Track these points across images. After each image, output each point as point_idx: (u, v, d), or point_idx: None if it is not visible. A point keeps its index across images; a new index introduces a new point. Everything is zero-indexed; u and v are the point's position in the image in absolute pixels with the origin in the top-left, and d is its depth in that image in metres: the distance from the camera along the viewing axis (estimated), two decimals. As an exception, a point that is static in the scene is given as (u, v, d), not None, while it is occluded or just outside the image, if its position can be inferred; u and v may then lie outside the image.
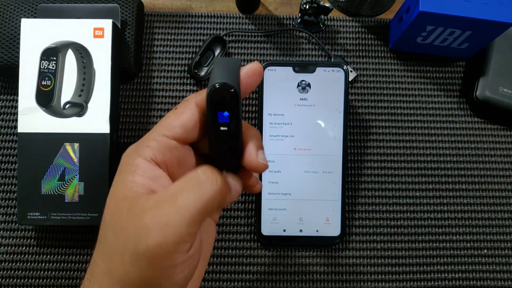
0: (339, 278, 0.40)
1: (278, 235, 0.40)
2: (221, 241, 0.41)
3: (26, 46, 0.38)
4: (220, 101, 0.21)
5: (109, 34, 0.39)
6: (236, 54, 0.45)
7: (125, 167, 0.21)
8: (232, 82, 0.21)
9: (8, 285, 0.39)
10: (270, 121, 0.41)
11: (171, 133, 0.22)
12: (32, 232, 0.40)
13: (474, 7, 0.37)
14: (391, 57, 0.46)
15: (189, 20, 0.46)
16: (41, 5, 0.41)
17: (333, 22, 0.47)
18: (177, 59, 0.45)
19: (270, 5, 0.48)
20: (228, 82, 0.21)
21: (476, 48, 0.43)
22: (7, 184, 0.41)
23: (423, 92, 0.45)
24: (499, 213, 0.42)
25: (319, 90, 0.42)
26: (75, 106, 0.38)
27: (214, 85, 0.21)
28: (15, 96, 0.43)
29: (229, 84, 0.21)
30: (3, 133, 0.42)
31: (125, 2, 0.43)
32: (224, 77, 0.21)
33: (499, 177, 0.43)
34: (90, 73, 0.38)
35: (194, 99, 0.22)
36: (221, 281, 0.40)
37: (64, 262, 0.40)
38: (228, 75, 0.21)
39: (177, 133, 0.22)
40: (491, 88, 0.42)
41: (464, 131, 0.44)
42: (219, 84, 0.21)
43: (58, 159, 0.38)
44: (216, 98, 0.21)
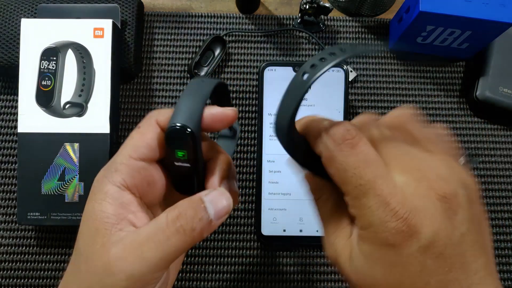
0: (339, 278, 0.40)
1: (278, 235, 0.40)
2: (221, 241, 0.41)
3: (26, 46, 0.38)
4: (178, 141, 0.21)
5: (109, 34, 0.39)
6: (236, 54, 0.45)
7: (95, 194, 0.22)
8: (191, 123, 0.20)
9: (8, 285, 0.39)
10: (270, 121, 0.41)
11: (137, 154, 0.22)
12: (32, 232, 0.40)
13: (474, 7, 0.37)
14: (391, 57, 0.46)
15: (189, 20, 0.46)
16: (41, 5, 0.41)
17: (333, 22, 0.47)
18: (177, 59, 0.45)
19: (270, 5, 0.48)
20: (187, 123, 0.20)
21: (476, 48, 0.43)
22: (7, 184, 0.41)
23: (423, 92, 0.45)
24: (499, 213, 0.42)
25: (319, 90, 0.42)
26: (75, 106, 0.38)
27: (174, 125, 0.20)
28: (15, 96, 0.43)
29: (187, 126, 0.20)
30: (3, 133, 0.42)
31: (125, 2, 0.43)
32: (185, 114, 0.21)
33: (499, 177, 0.43)
34: (90, 73, 0.38)
35: (155, 118, 0.22)
36: (221, 281, 0.40)
37: (64, 262, 0.40)
38: (190, 112, 0.21)
39: (143, 153, 0.22)
40: (491, 88, 0.42)
41: (464, 131, 0.44)
42: (176, 125, 0.20)
43: (58, 159, 0.38)
44: (173, 137, 0.21)
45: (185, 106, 0.21)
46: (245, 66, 0.45)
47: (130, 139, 0.22)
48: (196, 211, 0.21)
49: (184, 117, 0.21)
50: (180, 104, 0.21)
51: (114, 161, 0.22)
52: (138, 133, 0.22)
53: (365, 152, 0.18)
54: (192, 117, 0.21)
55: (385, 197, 0.17)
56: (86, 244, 0.21)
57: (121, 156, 0.22)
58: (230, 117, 0.23)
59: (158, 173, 0.23)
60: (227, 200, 0.22)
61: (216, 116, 0.22)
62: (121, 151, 0.22)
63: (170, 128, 0.20)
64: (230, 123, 0.23)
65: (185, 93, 0.22)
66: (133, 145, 0.22)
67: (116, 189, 0.21)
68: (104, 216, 0.21)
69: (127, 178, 0.21)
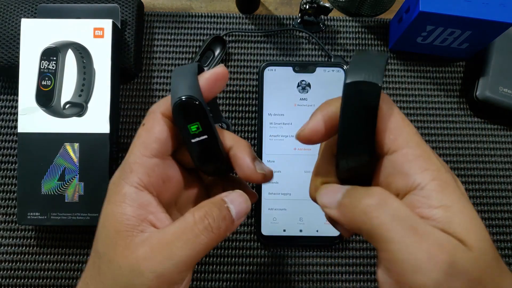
0: (339, 278, 0.40)
1: (278, 235, 0.40)
2: (221, 241, 0.41)
3: (26, 46, 0.38)
4: (186, 114, 0.21)
5: (109, 34, 0.39)
6: (236, 54, 0.45)
7: (113, 197, 0.21)
8: (193, 92, 0.20)
9: (8, 285, 0.39)
10: (270, 121, 0.41)
11: (149, 151, 0.22)
12: (32, 232, 0.40)
13: (474, 7, 0.37)
14: (391, 57, 0.46)
15: (189, 20, 0.46)
16: (41, 5, 0.41)
17: (333, 22, 0.47)
18: (177, 59, 0.45)
19: (270, 5, 0.48)
20: (188, 93, 0.20)
21: (476, 48, 0.43)
22: (7, 184, 0.41)
23: (423, 92, 0.45)
24: (499, 213, 0.42)
25: (319, 90, 0.42)
26: (75, 106, 0.38)
27: (179, 99, 0.20)
28: (15, 96, 0.43)
29: (191, 96, 0.20)
30: (3, 133, 0.42)
31: (125, 2, 0.43)
32: (184, 88, 0.21)
33: (499, 177, 0.43)
34: (90, 73, 0.38)
35: (158, 110, 0.22)
36: (221, 281, 0.40)
37: (64, 262, 0.40)
38: (187, 85, 0.21)
39: (155, 149, 0.22)
40: (491, 88, 0.42)
41: (464, 131, 0.44)
42: (180, 98, 0.20)
43: (58, 159, 0.38)
44: (181, 113, 0.21)
45: (180, 84, 0.21)
46: (245, 66, 0.45)
47: (138, 138, 0.22)
48: (220, 210, 0.21)
49: (185, 90, 0.21)
50: (174, 84, 0.21)
51: (127, 161, 0.22)
52: (145, 130, 0.22)
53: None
54: (190, 88, 0.21)
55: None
56: (107, 247, 0.21)
57: (133, 155, 0.22)
58: (222, 73, 0.22)
59: (173, 169, 0.23)
60: (246, 201, 0.22)
61: (210, 78, 0.22)
62: (132, 151, 0.22)
63: (176, 104, 0.20)
64: (225, 80, 0.22)
65: (174, 76, 0.22)
66: (142, 143, 0.22)
67: (133, 189, 0.21)
68: (124, 219, 0.20)
69: (143, 177, 0.21)
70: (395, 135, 0.18)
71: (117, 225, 0.20)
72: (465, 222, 0.17)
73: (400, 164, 0.18)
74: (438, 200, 0.17)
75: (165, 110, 0.22)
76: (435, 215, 0.17)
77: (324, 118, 0.20)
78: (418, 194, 0.18)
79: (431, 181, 0.18)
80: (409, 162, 0.18)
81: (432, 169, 0.18)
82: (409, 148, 0.18)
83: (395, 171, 0.18)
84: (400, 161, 0.18)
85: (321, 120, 0.20)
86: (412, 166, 0.18)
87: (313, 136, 0.20)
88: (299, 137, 0.21)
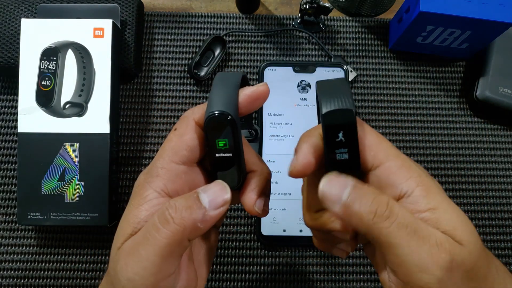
0: (339, 278, 0.40)
1: (278, 235, 0.40)
2: (221, 241, 0.41)
3: (26, 46, 0.38)
4: (217, 129, 0.20)
5: (109, 34, 0.39)
6: (236, 54, 0.45)
7: (134, 199, 0.21)
8: (230, 109, 0.20)
9: (8, 285, 0.39)
10: (270, 121, 0.41)
11: (178, 158, 0.21)
12: (32, 232, 0.40)
13: (474, 7, 0.37)
14: (391, 57, 0.46)
15: (189, 20, 0.46)
16: (41, 5, 0.41)
17: (333, 22, 0.47)
18: (177, 59, 0.45)
19: (270, 5, 0.48)
20: (224, 109, 0.20)
21: (476, 48, 0.43)
22: (7, 184, 0.41)
23: (423, 92, 0.45)
24: (499, 213, 0.42)
25: (319, 90, 0.41)
26: (75, 106, 0.38)
27: (212, 113, 0.20)
28: (15, 96, 0.43)
29: (226, 112, 0.20)
30: (3, 133, 0.42)
31: (125, 2, 0.43)
32: (222, 102, 0.20)
33: (499, 177, 0.43)
34: (90, 73, 0.38)
35: (192, 117, 0.22)
36: (221, 281, 0.40)
37: (64, 262, 0.40)
38: (226, 99, 0.21)
39: (184, 156, 0.21)
40: (491, 88, 0.42)
41: (464, 131, 0.44)
42: (213, 113, 0.20)
43: (58, 159, 0.38)
44: (213, 126, 0.20)
45: (219, 95, 0.21)
46: (245, 66, 0.45)
47: (169, 142, 0.22)
48: (186, 201, 0.20)
49: (221, 104, 0.20)
50: (213, 94, 0.21)
51: (154, 165, 0.21)
52: (176, 135, 0.22)
53: None
54: (228, 103, 0.20)
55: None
56: (121, 245, 0.21)
57: (161, 160, 0.21)
58: (264, 92, 0.22)
59: (199, 176, 0.23)
60: (222, 189, 0.21)
61: (252, 96, 0.22)
62: (161, 155, 0.21)
63: (209, 117, 0.20)
64: (265, 98, 0.22)
65: (215, 84, 0.21)
66: (173, 148, 0.21)
67: (155, 195, 0.21)
68: (135, 222, 0.20)
69: (168, 183, 0.21)
70: (375, 152, 0.20)
71: (128, 228, 0.20)
72: (452, 220, 0.19)
73: (386, 176, 0.20)
74: (425, 203, 0.19)
75: (199, 119, 0.22)
76: (425, 217, 0.19)
77: (311, 150, 0.20)
78: (407, 201, 0.19)
79: (416, 187, 0.19)
80: (393, 174, 0.20)
81: (414, 176, 0.20)
82: (390, 161, 0.20)
83: (382, 184, 0.20)
84: (385, 174, 0.20)
85: (308, 152, 0.20)
86: (397, 177, 0.20)
87: (306, 169, 0.20)
88: (292, 174, 0.21)
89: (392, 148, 0.21)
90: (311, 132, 0.21)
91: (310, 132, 0.21)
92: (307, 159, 0.20)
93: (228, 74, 0.22)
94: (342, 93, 0.20)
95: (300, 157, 0.20)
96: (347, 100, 0.19)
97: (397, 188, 0.20)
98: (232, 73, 0.23)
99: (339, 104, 0.19)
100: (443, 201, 0.19)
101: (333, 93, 0.20)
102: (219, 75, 0.22)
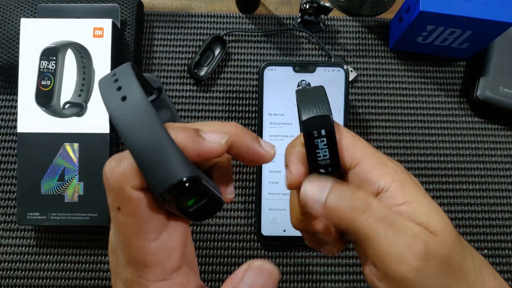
0: (339, 278, 0.40)
1: (278, 235, 0.40)
2: (221, 241, 0.41)
3: (26, 46, 0.38)
4: (186, 194, 0.17)
5: (109, 34, 0.39)
6: (236, 54, 0.45)
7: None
8: (191, 169, 0.17)
9: (8, 285, 0.39)
10: (270, 121, 0.41)
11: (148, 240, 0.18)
12: (32, 232, 0.40)
13: (474, 7, 0.37)
14: (391, 57, 0.46)
15: (189, 20, 0.46)
16: (41, 5, 0.41)
17: (333, 21, 0.47)
18: (177, 59, 0.45)
19: (270, 5, 0.47)
20: (190, 174, 0.16)
21: (476, 48, 0.43)
22: (7, 184, 0.41)
23: (423, 92, 0.45)
24: (499, 213, 0.42)
25: (319, 90, 0.41)
26: (74, 106, 0.38)
27: (176, 183, 0.16)
28: (15, 96, 0.43)
29: (193, 177, 0.17)
30: (2, 133, 0.42)
31: (125, 2, 0.43)
32: (179, 165, 0.17)
33: (499, 177, 0.43)
34: (89, 73, 0.38)
35: (129, 185, 0.17)
36: (221, 281, 0.40)
37: (63, 262, 0.40)
38: (176, 159, 0.17)
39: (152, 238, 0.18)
40: (492, 88, 0.42)
41: (464, 131, 0.44)
42: (185, 179, 0.16)
43: (57, 159, 0.38)
44: (180, 193, 0.17)
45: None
46: (245, 66, 0.45)
47: (123, 227, 0.18)
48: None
49: (179, 168, 0.17)
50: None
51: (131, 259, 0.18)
52: (126, 215, 0.17)
53: None
54: (184, 163, 0.17)
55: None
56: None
57: (133, 249, 0.18)
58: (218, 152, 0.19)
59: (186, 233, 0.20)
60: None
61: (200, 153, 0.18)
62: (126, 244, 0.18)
63: (173, 187, 0.16)
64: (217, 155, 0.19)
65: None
66: (136, 232, 0.18)
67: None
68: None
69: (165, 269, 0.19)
70: (352, 152, 0.21)
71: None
72: (426, 212, 0.20)
73: (364, 174, 0.21)
74: (401, 197, 0.20)
75: (139, 185, 0.17)
76: (401, 210, 0.20)
77: (299, 160, 0.22)
78: (385, 196, 0.21)
79: (392, 182, 0.21)
80: (370, 171, 0.21)
81: (390, 172, 0.21)
82: (367, 159, 0.21)
83: (361, 182, 0.21)
84: (363, 172, 0.21)
85: (298, 163, 0.22)
86: (374, 174, 0.21)
87: (301, 178, 0.22)
88: (290, 187, 0.22)
89: (368, 147, 0.22)
90: (293, 144, 0.23)
91: (292, 144, 0.23)
92: (299, 169, 0.22)
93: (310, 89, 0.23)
94: (320, 101, 0.21)
95: (293, 169, 0.22)
96: (324, 107, 0.21)
97: (374, 185, 0.21)
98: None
99: (318, 111, 0.20)
100: (418, 195, 0.20)
101: (311, 101, 0.21)
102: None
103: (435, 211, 0.20)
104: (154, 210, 0.17)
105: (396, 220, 0.20)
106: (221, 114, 0.44)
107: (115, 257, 0.19)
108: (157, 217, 0.17)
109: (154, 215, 0.17)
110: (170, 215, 0.18)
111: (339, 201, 0.20)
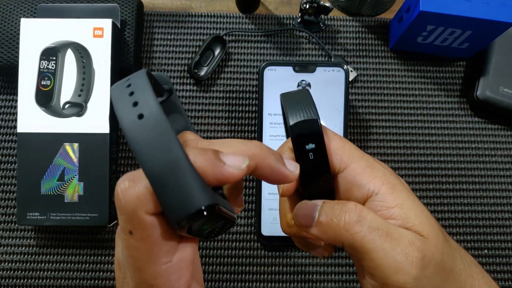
0: (339, 278, 0.40)
1: (278, 235, 0.40)
2: (221, 241, 0.41)
3: (26, 46, 0.38)
4: (205, 223, 0.17)
5: (109, 33, 0.39)
6: (236, 54, 0.45)
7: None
8: (212, 197, 0.16)
9: (8, 285, 0.39)
10: (270, 121, 0.41)
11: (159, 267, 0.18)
12: (32, 232, 0.40)
13: (474, 7, 0.37)
14: (391, 57, 0.46)
15: (189, 20, 0.46)
16: (41, 5, 0.41)
17: (333, 21, 0.47)
18: (177, 59, 0.45)
19: (270, 5, 0.47)
20: (209, 202, 0.16)
21: (476, 48, 0.43)
22: (6, 184, 0.41)
23: (423, 92, 0.45)
24: (499, 213, 0.42)
25: (319, 89, 0.41)
26: (74, 106, 0.38)
27: (195, 212, 0.16)
28: (15, 96, 0.43)
29: (211, 205, 0.16)
30: (2, 133, 0.42)
31: (125, 1, 0.43)
32: (198, 192, 0.16)
33: (499, 177, 0.43)
34: (89, 73, 0.38)
35: (143, 210, 0.16)
36: (221, 281, 0.40)
37: (63, 262, 0.40)
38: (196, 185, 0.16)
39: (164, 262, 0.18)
40: (492, 88, 0.42)
41: (464, 131, 0.44)
42: (204, 208, 0.16)
43: (57, 159, 0.38)
44: (201, 225, 0.17)
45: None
46: (245, 66, 0.45)
47: (136, 251, 0.17)
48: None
49: (197, 196, 0.16)
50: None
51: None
52: (138, 240, 0.17)
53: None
54: (204, 190, 0.16)
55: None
56: None
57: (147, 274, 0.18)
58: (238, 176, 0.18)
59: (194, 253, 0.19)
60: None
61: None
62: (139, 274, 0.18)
63: (191, 217, 0.16)
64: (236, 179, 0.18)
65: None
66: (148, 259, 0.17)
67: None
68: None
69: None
70: (340, 155, 0.21)
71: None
72: (417, 215, 0.20)
73: (353, 178, 0.21)
74: (392, 201, 0.20)
75: (154, 210, 0.17)
76: (393, 214, 0.20)
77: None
78: (375, 200, 0.20)
79: (382, 185, 0.20)
80: (359, 175, 0.21)
81: (380, 175, 0.21)
82: (355, 162, 0.21)
83: (350, 185, 0.21)
84: (352, 175, 0.21)
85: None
86: (363, 177, 0.21)
87: (294, 184, 0.22)
88: (284, 194, 0.22)
89: (355, 150, 0.22)
90: (281, 150, 0.23)
91: (281, 150, 0.23)
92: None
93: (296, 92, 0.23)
94: (306, 104, 0.21)
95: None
96: (311, 111, 0.21)
97: (364, 188, 0.21)
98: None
99: (305, 115, 0.20)
100: (408, 198, 0.20)
101: (298, 105, 0.21)
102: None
103: (425, 215, 0.20)
104: (167, 235, 0.17)
105: (390, 228, 0.19)
106: (221, 114, 0.44)
107: (121, 274, 0.18)
108: (169, 242, 0.17)
109: (167, 241, 0.17)
110: (181, 237, 0.18)
111: (330, 216, 0.20)
